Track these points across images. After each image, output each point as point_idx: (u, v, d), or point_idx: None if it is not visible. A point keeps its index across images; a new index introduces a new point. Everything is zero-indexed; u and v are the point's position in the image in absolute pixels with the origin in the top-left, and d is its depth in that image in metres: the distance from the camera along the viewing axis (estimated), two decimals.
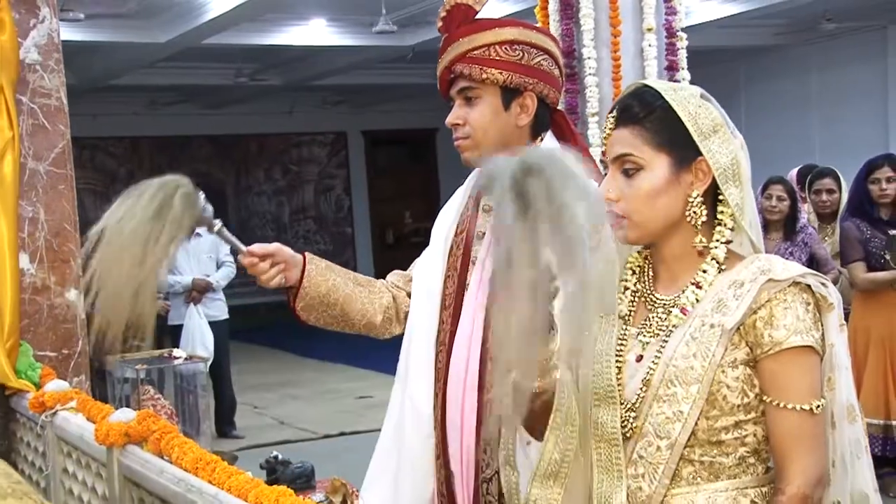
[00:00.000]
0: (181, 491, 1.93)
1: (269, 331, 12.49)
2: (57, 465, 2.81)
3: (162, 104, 14.56)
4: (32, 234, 3.78)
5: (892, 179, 5.42)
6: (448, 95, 2.28)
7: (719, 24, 11.15)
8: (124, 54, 10.94)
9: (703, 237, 1.75)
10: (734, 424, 1.69)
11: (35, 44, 3.79)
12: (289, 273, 2.28)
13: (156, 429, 2.22)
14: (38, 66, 3.80)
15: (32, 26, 3.79)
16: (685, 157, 1.73)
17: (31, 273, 3.74)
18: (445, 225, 2.40)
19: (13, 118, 3.09)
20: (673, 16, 4.35)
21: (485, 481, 2.20)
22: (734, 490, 1.70)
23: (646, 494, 1.71)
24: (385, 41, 10.83)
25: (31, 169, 3.76)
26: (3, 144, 3.05)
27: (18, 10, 3.56)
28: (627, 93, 1.81)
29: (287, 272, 2.28)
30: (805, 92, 13.28)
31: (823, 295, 1.69)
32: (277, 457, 5.55)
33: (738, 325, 1.67)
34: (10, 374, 3.12)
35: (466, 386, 2.20)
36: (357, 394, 9.32)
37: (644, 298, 1.82)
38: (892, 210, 5.45)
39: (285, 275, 2.27)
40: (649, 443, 1.72)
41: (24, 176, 3.58)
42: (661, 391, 1.71)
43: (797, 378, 1.66)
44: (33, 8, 3.79)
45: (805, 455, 1.66)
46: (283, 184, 16.69)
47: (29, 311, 3.55)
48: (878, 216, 5.45)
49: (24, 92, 3.66)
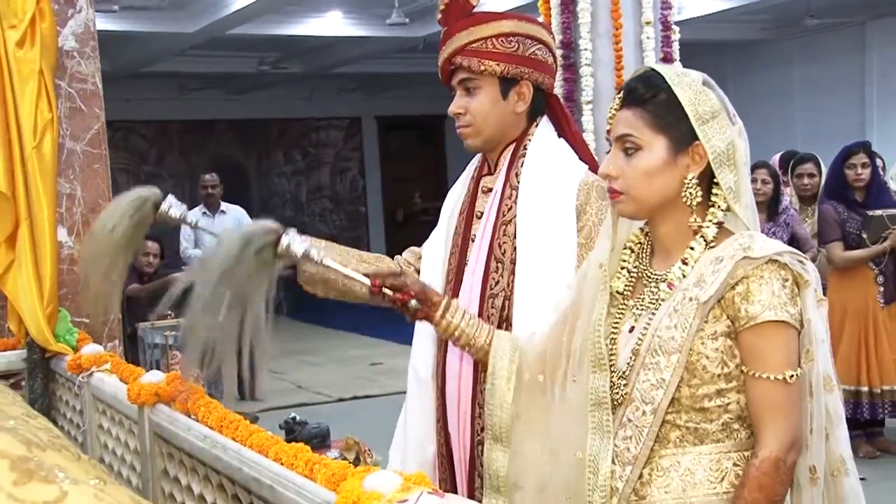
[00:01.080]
0: (206, 447, 1.94)
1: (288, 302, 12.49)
2: (93, 421, 2.83)
3: (190, 90, 14.51)
4: (70, 209, 3.78)
5: (867, 165, 5.43)
6: (449, 85, 2.28)
7: (709, 19, 11.12)
8: (155, 43, 10.91)
9: (697, 217, 1.75)
10: (716, 392, 1.69)
11: (72, 32, 3.78)
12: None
13: (183, 389, 2.23)
14: (75, 52, 3.79)
15: (70, 16, 3.78)
16: (683, 141, 1.73)
17: (68, 245, 3.74)
18: (450, 205, 2.41)
19: (52, 101, 3.09)
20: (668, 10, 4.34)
21: (480, 443, 2.18)
22: (717, 453, 1.71)
23: (632, 455, 1.72)
24: (397, 32, 10.78)
25: (69, 149, 3.76)
26: (42, 125, 3.04)
27: (58, 1, 3.56)
28: (635, 76, 1.81)
29: None
30: (788, 83, 13.26)
31: (800, 272, 1.68)
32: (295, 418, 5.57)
33: (712, 299, 1.67)
34: (50, 338, 3.13)
35: (463, 354, 2.19)
36: (369, 361, 9.34)
37: (641, 274, 1.82)
38: (866, 193, 5.44)
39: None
40: (636, 408, 1.73)
41: (62, 155, 3.58)
42: (647, 360, 1.72)
43: (772, 350, 1.66)
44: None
45: (779, 422, 1.66)
46: (302, 165, 16.64)
47: (67, 281, 3.56)
48: (854, 199, 5.45)
49: (62, 77, 3.66)
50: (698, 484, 1.70)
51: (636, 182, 1.73)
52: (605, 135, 1.90)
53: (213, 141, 15.27)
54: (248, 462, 1.77)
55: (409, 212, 16.66)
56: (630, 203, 1.76)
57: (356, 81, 15.47)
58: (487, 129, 2.23)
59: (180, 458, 2.15)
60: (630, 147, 1.74)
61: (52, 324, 3.14)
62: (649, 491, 1.72)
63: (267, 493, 1.67)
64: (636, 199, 1.74)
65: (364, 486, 1.35)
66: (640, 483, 1.73)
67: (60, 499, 1.07)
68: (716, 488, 1.70)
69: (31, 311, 3.11)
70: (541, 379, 1.88)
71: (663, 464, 1.72)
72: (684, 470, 1.71)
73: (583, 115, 3.54)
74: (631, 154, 1.74)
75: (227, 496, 1.89)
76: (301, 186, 16.63)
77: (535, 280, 2.13)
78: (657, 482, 1.72)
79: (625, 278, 1.83)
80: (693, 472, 1.71)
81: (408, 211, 16.73)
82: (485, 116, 2.22)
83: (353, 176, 17.12)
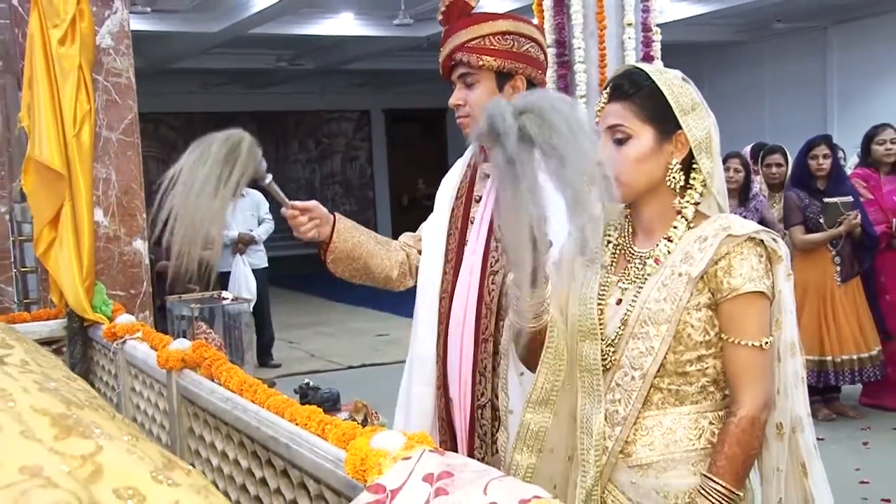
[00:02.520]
0: (228, 408, 1.95)
1: (303, 278, 12.50)
2: (126, 384, 2.84)
3: (213, 85, 14.50)
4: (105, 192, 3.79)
5: (828, 156, 5.45)
6: (450, 79, 2.26)
7: (687, 22, 11.13)
8: (183, 42, 10.91)
9: (679, 199, 1.75)
10: (697, 358, 1.70)
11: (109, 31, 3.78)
12: (322, 228, 2.27)
13: (207, 356, 2.24)
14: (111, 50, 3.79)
15: (107, 16, 3.78)
16: (667, 130, 1.73)
17: (104, 225, 3.76)
18: (448, 190, 2.39)
19: (90, 94, 3.09)
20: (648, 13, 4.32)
21: (479, 407, 2.19)
22: (696, 413, 1.72)
23: (621, 416, 1.73)
24: (403, 32, 10.76)
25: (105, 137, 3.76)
26: (81, 116, 3.04)
27: (95, 2, 3.56)
28: (619, 73, 1.81)
29: (321, 227, 2.26)
30: (758, 81, 13.30)
31: (774, 249, 1.70)
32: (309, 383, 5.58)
33: (702, 274, 1.68)
34: (88, 308, 3.14)
35: (465, 327, 2.19)
36: (376, 332, 9.36)
37: (624, 251, 1.82)
38: (827, 182, 5.46)
39: (319, 230, 2.26)
40: (625, 373, 1.73)
41: (99, 143, 3.58)
42: (636, 330, 1.72)
43: (750, 319, 1.68)
44: (108, 1, 3.79)
45: (755, 384, 1.67)
46: (315, 154, 16.64)
47: (103, 257, 3.57)
48: (816, 187, 5.47)
49: (99, 72, 3.66)
50: (679, 441, 1.71)
51: (626, 168, 1.73)
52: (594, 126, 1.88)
53: None
54: (265, 422, 1.77)
55: (413, 196, 16.68)
56: (620, 188, 1.74)
57: (365, 77, 15.43)
58: None
59: (205, 419, 2.16)
60: (620, 136, 1.74)
61: (89, 296, 3.15)
62: (634, 449, 1.73)
63: (283, 451, 1.68)
64: (626, 183, 1.73)
65: (371, 445, 1.35)
66: (626, 442, 1.74)
67: (96, 452, 1.07)
68: (694, 444, 1.71)
69: (70, 284, 3.12)
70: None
71: (647, 424, 1.73)
72: (666, 429, 1.72)
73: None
74: (621, 143, 1.74)
75: (247, 453, 1.90)
76: (315, 173, 16.64)
77: None
78: (641, 441, 1.73)
79: (610, 253, 1.83)
80: (674, 431, 1.72)
81: (412, 196, 16.74)
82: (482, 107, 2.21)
83: (362, 164, 17.12)
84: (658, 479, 1.71)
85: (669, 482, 1.70)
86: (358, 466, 1.35)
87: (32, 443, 1.00)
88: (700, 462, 1.70)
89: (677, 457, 1.71)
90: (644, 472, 1.72)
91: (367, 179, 17.19)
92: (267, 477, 1.80)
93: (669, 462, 1.71)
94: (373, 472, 1.28)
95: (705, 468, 1.68)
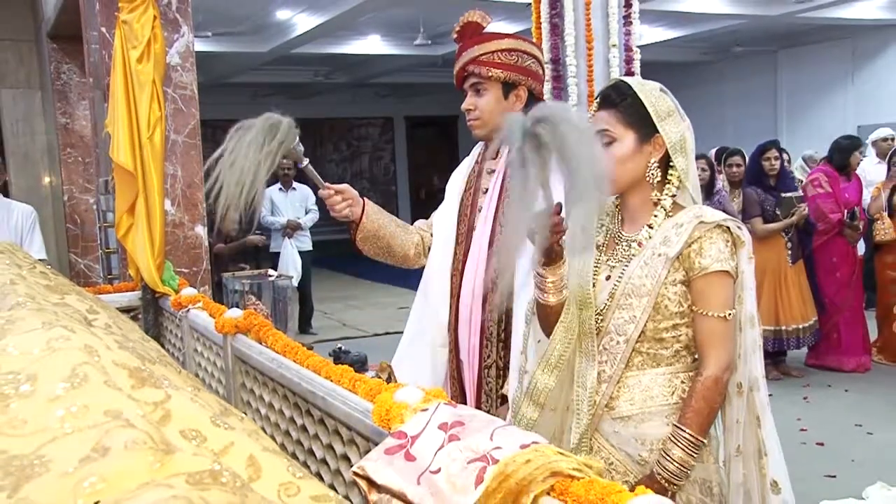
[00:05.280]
0: (274, 367, 1.96)
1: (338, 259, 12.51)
2: (189, 346, 2.85)
3: (261, 96, 14.46)
4: (172, 186, 3.80)
5: (777, 158, 5.51)
6: (462, 88, 2.26)
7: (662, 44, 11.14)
8: (236, 61, 10.90)
9: (657, 192, 1.75)
10: (672, 326, 1.70)
11: (177, 51, 3.79)
12: (353, 209, 2.25)
13: (256, 323, 2.24)
14: (178, 66, 3.80)
15: (175, 39, 3.79)
16: (647, 134, 1.72)
17: (171, 213, 3.77)
18: (458, 183, 2.38)
19: (161, 103, 3.10)
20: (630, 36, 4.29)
21: (486, 367, 2.19)
22: (670, 374, 1.73)
23: (607, 375, 1.74)
24: (422, 51, 10.74)
25: (173, 140, 3.77)
26: (154, 121, 3.05)
27: (167, 28, 3.58)
28: (608, 85, 1.81)
29: (353, 207, 2.25)
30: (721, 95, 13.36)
31: (738, 235, 1.70)
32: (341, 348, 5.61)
33: (677, 255, 1.68)
34: (159, 282, 3.15)
35: (473, 300, 2.19)
36: (397, 305, 9.34)
37: (613, 235, 1.82)
38: (777, 179, 5.51)
39: (351, 209, 2.25)
40: (612, 338, 1.74)
41: (168, 144, 3.58)
42: (621, 301, 1.72)
43: (716, 294, 1.67)
44: (177, 27, 3.80)
45: (719, 349, 1.67)
46: (347, 154, 16.61)
47: (170, 240, 3.58)
48: (769, 184, 5.52)
49: (168, 85, 3.67)
50: (655, 397, 1.72)
51: (612, 166, 1.71)
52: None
53: None
54: (305, 379, 1.77)
55: (429, 191, 16.64)
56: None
57: (389, 89, 15.40)
58: (492, 122, 2.20)
59: (254, 375, 2.17)
60: (607, 139, 1.73)
61: (160, 272, 3.16)
62: (617, 404, 1.74)
63: (320, 403, 1.68)
64: (612, 180, 1.72)
65: (394, 398, 1.36)
66: (611, 398, 1.74)
67: (165, 400, 1.08)
68: (668, 400, 1.72)
69: (144, 262, 3.13)
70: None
71: (629, 382, 1.73)
72: (644, 387, 1.73)
73: None
74: (608, 145, 1.73)
75: (290, 404, 1.90)
76: (346, 171, 16.61)
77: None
78: (623, 397, 1.73)
79: (603, 235, 1.83)
80: (651, 388, 1.72)
81: (428, 190, 16.70)
82: (490, 112, 2.20)
83: (386, 163, 17.08)
84: (637, 429, 1.72)
85: (646, 431, 1.71)
86: (383, 416, 1.35)
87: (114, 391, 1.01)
88: (672, 415, 1.70)
89: (653, 410, 1.71)
90: (625, 422, 1.73)
91: (391, 176, 17.15)
92: (306, 424, 1.81)
93: (647, 415, 1.71)
94: (396, 421, 1.29)
95: (676, 420, 1.68)
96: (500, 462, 0.97)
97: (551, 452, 0.98)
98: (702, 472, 1.70)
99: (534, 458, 0.97)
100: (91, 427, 0.92)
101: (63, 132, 6.86)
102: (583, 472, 0.96)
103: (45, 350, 1.07)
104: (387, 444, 1.15)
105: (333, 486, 1.65)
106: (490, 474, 0.96)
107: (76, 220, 6.89)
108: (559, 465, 0.96)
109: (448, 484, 1.00)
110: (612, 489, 0.93)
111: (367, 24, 9.98)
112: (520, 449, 0.99)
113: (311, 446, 1.79)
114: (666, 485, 1.64)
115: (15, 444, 0.89)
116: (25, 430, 0.91)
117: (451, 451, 1.05)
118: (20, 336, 1.11)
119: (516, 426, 1.24)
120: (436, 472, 1.03)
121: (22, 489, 0.82)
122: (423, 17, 9.50)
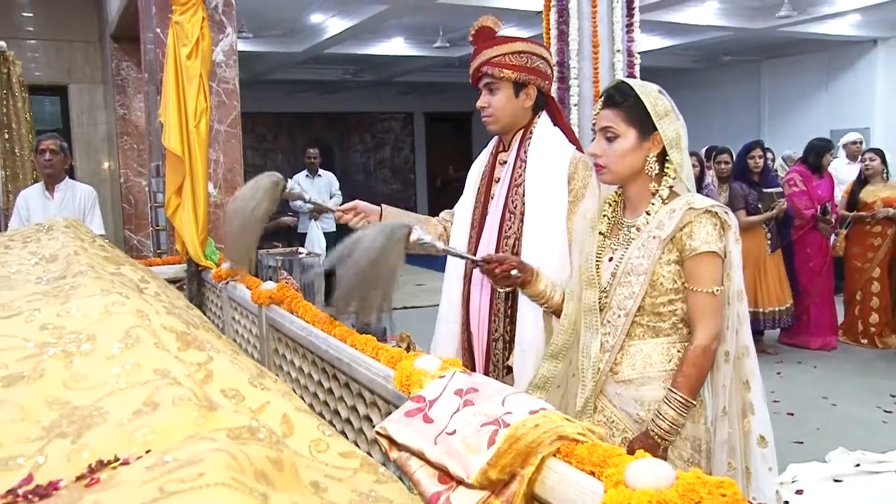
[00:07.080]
0: (304, 334, 1.96)
1: None
2: (228, 314, 2.86)
3: (296, 91, 14.43)
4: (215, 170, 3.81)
5: (762, 157, 5.52)
6: (477, 87, 2.23)
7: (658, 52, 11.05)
8: (274, 59, 10.86)
9: (655, 183, 1.75)
10: (668, 301, 1.71)
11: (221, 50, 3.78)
12: (371, 218, 2.24)
13: (288, 295, 2.25)
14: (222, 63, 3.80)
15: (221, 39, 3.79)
16: (646, 131, 1.72)
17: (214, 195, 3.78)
18: (475, 174, 2.37)
19: (207, 96, 3.09)
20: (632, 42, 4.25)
21: (494, 340, 2.19)
22: (667, 344, 1.73)
23: (611, 345, 1.75)
24: (440, 53, 10.67)
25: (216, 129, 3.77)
26: (200, 112, 3.05)
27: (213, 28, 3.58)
28: (611, 86, 1.80)
29: (368, 217, 2.23)
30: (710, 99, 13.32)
31: (725, 219, 1.71)
32: None
33: (670, 237, 1.68)
34: (202, 257, 3.15)
35: (483, 279, 2.16)
36: (416, 282, 9.34)
37: (617, 221, 1.83)
38: (761, 176, 5.50)
39: (367, 219, 2.23)
40: (614, 312, 1.75)
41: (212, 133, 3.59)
42: (622, 279, 1.73)
43: (705, 272, 1.68)
44: (222, 28, 3.81)
45: (708, 321, 1.69)
46: (371, 145, 16.54)
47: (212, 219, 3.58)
48: (754, 180, 5.50)
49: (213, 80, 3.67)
50: (653, 364, 1.73)
51: (614, 160, 1.73)
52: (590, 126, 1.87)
53: (310, 128, 15.17)
54: (333, 346, 1.78)
55: (445, 179, 16.56)
56: (609, 174, 1.76)
57: (410, 87, 15.30)
58: (504, 118, 2.19)
59: (286, 342, 2.17)
60: (610, 135, 1.74)
61: (203, 247, 3.17)
62: (620, 369, 1.75)
63: (346, 368, 1.68)
64: (614, 171, 1.75)
65: (414, 365, 1.35)
66: (614, 363, 1.75)
67: (208, 361, 1.08)
68: (665, 367, 1.73)
69: (190, 238, 3.14)
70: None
71: (630, 351, 1.74)
72: (644, 355, 1.74)
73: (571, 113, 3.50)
74: (611, 140, 1.74)
75: (318, 369, 1.91)
76: (370, 160, 16.56)
77: (537, 226, 2.11)
78: (626, 363, 1.75)
79: (606, 223, 1.84)
80: (650, 356, 1.73)
81: (444, 179, 16.62)
82: (502, 109, 2.18)
83: (406, 154, 17.02)
84: (637, 391, 1.73)
85: (645, 394, 1.73)
86: (404, 381, 1.35)
87: (162, 352, 1.01)
88: (668, 380, 1.71)
89: (652, 375, 1.73)
90: (626, 385, 1.75)
91: (410, 165, 17.09)
92: (333, 388, 1.81)
93: (646, 379, 1.73)
94: (415, 386, 1.28)
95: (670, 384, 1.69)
96: (510, 426, 0.96)
97: (558, 418, 0.97)
98: (693, 431, 1.73)
99: (542, 423, 0.96)
100: (142, 384, 0.92)
101: (121, 122, 6.90)
102: (587, 437, 0.95)
103: (103, 313, 1.07)
104: (407, 406, 1.14)
105: (356, 443, 1.65)
106: (501, 437, 0.95)
107: (130, 201, 6.93)
108: (565, 429, 0.95)
109: (463, 444, 0.99)
110: (613, 452, 0.91)
111: (392, 28, 9.92)
112: (529, 414, 0.98)
113: (336, 407, 1.79)
114: (658, 440, 1.67)
115: (77, 397, 0.89)
116: (86, 384, 0.92)
117: (465, 415, 1.04)
118: (82, 300, 1.12)
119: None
120: (451, 434, 1.02)
121: (83, 436, 0.82)
122: (442, 22, 9.45)
